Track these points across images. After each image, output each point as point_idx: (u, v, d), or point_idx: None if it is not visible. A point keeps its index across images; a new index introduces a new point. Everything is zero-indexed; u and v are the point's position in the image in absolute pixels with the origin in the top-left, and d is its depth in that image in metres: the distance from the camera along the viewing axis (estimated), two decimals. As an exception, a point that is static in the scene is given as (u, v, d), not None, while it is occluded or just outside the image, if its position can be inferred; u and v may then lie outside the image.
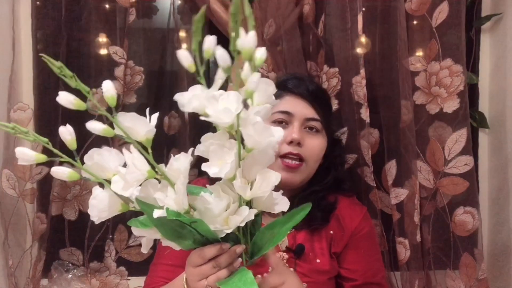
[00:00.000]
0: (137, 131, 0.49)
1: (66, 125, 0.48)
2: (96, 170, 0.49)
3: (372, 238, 0.94)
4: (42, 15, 1.18)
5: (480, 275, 1.09)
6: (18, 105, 1.13)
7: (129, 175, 0.48)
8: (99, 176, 0.50)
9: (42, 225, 1.15)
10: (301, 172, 0.86)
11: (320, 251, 0.87)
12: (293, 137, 0.83)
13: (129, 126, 0.49)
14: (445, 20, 1.08)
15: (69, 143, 0.48)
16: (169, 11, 1.18)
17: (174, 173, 0.50)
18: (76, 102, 0.48)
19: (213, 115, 0.47)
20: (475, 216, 1.09)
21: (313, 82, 0.96)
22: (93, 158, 0.49)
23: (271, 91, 0.51)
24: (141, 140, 0.50)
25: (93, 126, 0.48)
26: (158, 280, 0.85)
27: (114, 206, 0.51)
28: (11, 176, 1.12)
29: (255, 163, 0.51)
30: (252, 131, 0.48)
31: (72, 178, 0.49)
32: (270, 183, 0.51)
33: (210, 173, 0.49)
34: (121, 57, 1.13)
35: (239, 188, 0.50)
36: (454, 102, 1.09)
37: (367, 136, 1.09)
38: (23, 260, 1.16)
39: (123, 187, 0.48)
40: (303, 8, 1.12)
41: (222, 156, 0.49)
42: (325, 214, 0.89)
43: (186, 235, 0.54)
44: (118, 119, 0.48)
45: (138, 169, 0.49)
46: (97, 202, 0.50)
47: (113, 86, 0.50)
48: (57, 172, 0.48)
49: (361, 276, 0.88)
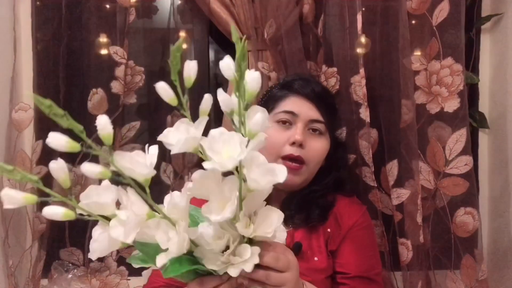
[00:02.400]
0: (136, 171, 0.46)
1: (58, 159, 0.43)
2: (94, 207, 0.46)
3: (368, 234, 0.92)
4: (42, 15, 1.18)
5: (481, 276, 1.08)
6: (19, 105, 1.13)
7: (128, 224, 0.45)
8: (96, 213, 0.47)
9: (41, 225, 1.15)
10: (302, 174, 0.86)
11: (317, 249, 0.86)
12: (296, 138, 0.83)
13: (128, 167, 0.45)
14: (445, 18, 1.07)
15: (62, 182, 0.44)
16: (169, 11, 1.19)
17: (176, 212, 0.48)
18: (69, 144, 0.43)
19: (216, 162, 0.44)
20: (476, 216, 1.08)
21: (319, 84, 0.96)
22: (90, 197, 0.46)
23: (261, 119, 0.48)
24: (140, 180, 0.46)
25: (89, 169, 0.44)
26: (160, 279, 0.85)
27: (115, 245, 0.48)
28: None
29: (254, 200, 0.50)
30: (257, 174, 0.46)
31: (67, 218, 0.45)
32: (273, 224, 0.49)
33: (212, 220, 0.47)
34: (122, 57, 1.13)
35: (242, 230, 0.48)
36: (455, 102, 1.08)
37: (367, 136, 1.09)
38: (23, 260, 1.16)
39: (124, 234, 0.46)
40: (303, 8, 1.12)
41: (222, 198, 0.47)
42: (323, 212, 0.89)
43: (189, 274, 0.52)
44: (115, 159, 0.44)
45: (136, 214, 0.46)
46: (98, 245, 0.48)
47: (109, 122, 0.44)
48: (51, 214, 0.44)
49: (354, 269, 0.86)
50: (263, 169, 0.46)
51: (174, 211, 0.48)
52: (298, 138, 0.83)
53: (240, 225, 0.48)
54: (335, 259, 0.88)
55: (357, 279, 0.86)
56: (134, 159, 0.45)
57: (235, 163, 0.45)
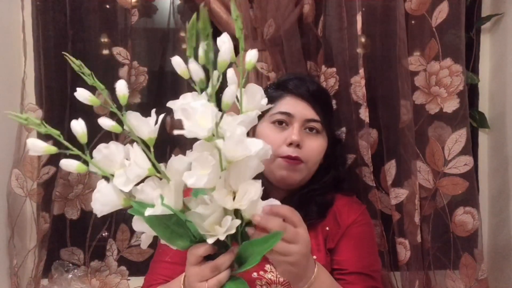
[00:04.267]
0: (141, 130, 0.52)
1: (79, 119, 0.51)
2: (103, 164, 0.51)
3: (367, 231, 0.92)
4: (44, 16, 1.19)
5: (480, 276, 1.08)
6: (28, 106, 1.15)
7: (130, 171, 0.50)
8: (106, 170, 0.51)
9: (45, 225, 1.16)
10: (301, 171, 0.86)
11: (316, 247, 0.87)
12: (292, 139, 0.84)
13: (135, 124, 0.51)
14: (445, 19, 1.07)
15: (80, 137, 0.50)
16: (169, 11, 1.19)
17: (173, 173, 0.51)
18: (91, 98, 0.52)
19: (187, 128, 0.47)
20: (475, 216, 1.08)
21: (314, 83, 0.96)
22: (101, 152, 0.51)
23: (259, 97, 0.52)
24: (145, 139, 0.52)
25: (104, 122, 0.52)
26: (157, 277, 0.85)
27: (117, 201, 0.52)
28: (20, 176, 1.13)
29: (241, 171, 0.51)
30: (229, 145, 0.49)
31: (80, 171, 0.51)
32: (250, 197, 0.51)
33: (188, 184, 0.48)
34: (125, 57, 1.14)
35: (220, 200, 0.50)
36: (454, 102, 1.08)
37: (366, 136, 1.09)
38: (27, 259, 1.17)
39: (125, 182, 0.50)
40: (303, 8, 1.12)
41: (204, 166, 0.49)
42: (321, 209, 0.89)
43: (183, 235, 0.54)
44: (126, 117, 0.51)
45: (139, 166, 0.50)
46: (100, 196, 0.51)
47: (125, 85, 0.53)
48: (66, 164, 0.50)
49: (351, 265, 0.86)
50: (235, 140, 0.48)
51: (171, 171, 0.51)
52: (295, 138, 0.83)
53: (218, 194, 0.50)
54: (333, 257, 0.88)
55: (355, 275, 0.86)
56: (141, 118, 0.51)
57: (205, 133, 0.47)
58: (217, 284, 0.55)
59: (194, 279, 0.58)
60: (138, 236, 1.20)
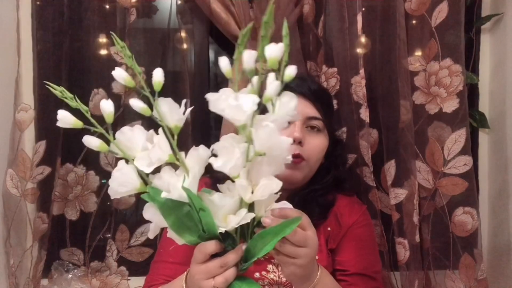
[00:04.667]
0: (170, 117, 0.52)
1: (108, 99, 0.53)
2: (125, 146, 0.52)
3: (368, 232, 0.92)
4: (42, 15, 1.18)
5: (480, 276, 1.08)
6: (20, 106, 1.14)
7: (153, 153, 0.50)
8: (126, 152, 0.52)
9: (43, 225, 1.15)
10: (302, 169, 0.86)
11: (318, 248, 0.87)
12: (294, 136, 0.83)
13: (165, 111, 0.52)
14: (444, 20, 1.08)
15: (108, 116, 0.52)
16: (169, 11, 1.19)
17: (196, 160, 0.52)
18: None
19: (226, 110, 0.48)
20: (475, 216, 1.08)
21: (315, 82, 0.96)
22: (125, 134, 0.52)
23: (292, 105, 0.52)
24: (171, 126, 0.52)
25: (89, 141, 0.52)
26: (159, 277, 0.85)
27: (133, 184, 0.52)
28: (14, 176, 1.13)
29: (263, 168, 0.52)
30: (262, 134, 0.49)
31: (102, 149, 0.52)
32: (270, 190, 0.52)
33: (214, 166, 0.49)
34: (122, 57, 1.13)
35: (241, 188, 0.51)
36: (454, 102, 1.09)
37: (367, 136, 1.09)
38: (24, 259, 1.16)
39: (147, 164, 0.51)
40: (303, 8, 1.12)
41: (231, 153, 0.50)
42: (323, 210, 0.89)
43: (192, 228, 0.53)
44: (158, 103, 0.52)
45: (162, 149, 0.51)
46: (120, 175, 0.52)
47: (162, 73, 0.55)
48: (89, 141, 0.51)
49: (352, 266, 0.86)
50: (268, 131, 0.49)
51: (192, 160, 0.52)
52: (297, 135, 0.83)
53: (239, 182, 0.50)
54: (334, 257, 0.88)
55: (356, 276, 0.86)
56: (173, 104, 0.52)
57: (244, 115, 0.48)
58: (224, 282, 0.55)
59: (200, 277, 0.57)
60: (137, 237, 1.20)
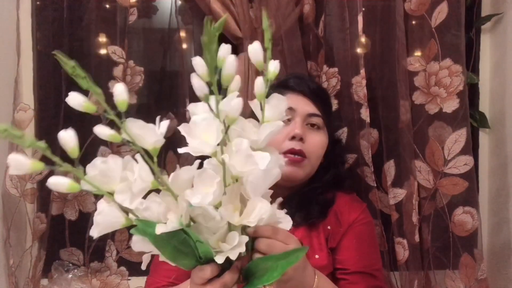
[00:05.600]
0: (145, 139, 0.46)
1: (67, 129, 0.44)
2: (99, 180, 0.46)
3: (368, 230, 0.92)
4: (42, 15, 1.18)
5: (480, 275, 1.08)
6: (20, 106, 1.13)
7: (135, 186, 0.45)
8: (102, 188, 0.46)
9: (42, 225, 1.15)
10: (304, 167, 0.86)
11: (318, 247, 0.87)
12: (295, 133, 0.84)
13: (138, 133, 0.46)
14: (444, 20, 1.08)
15: (70, 151, 0.43)
16: (169, 11, 1.19)
17: (180, 185, 0.48)
18: (86, 104, 0.44)
19: (191, 145, 0.45)
20: (475, 216, 1.09)
21: (313, 81, 0.96)
22: (97, 167, 0.45)
23: (283, 107, 0.50)
24: (148, 149, 0.47)
25: (101, 131, 0.45)
26: (161, 279, 0.85)
27: (118, 221, 0.47)
28: (14, 176, 1.13)
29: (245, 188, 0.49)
30: (234, 160, 0.46)
31: (72, 190, 0.44)
32: (260, 213, 0.49)
33: (192, 202, 0.46)
34: (120, 56, 1.13)
35: (226, 216, 0.48)
36: (454, 102, 1.09)
37: (367, 136, 1.09)
38: (23, 259, 1.16)
39: (130, 198, 0.46)
40: (303, 8, 1.12)
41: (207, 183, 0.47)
42: (323, 208, 0.89)
43: (189, 254, 0.50)
44: (127, 125, 0.45)
45: (143, 180, 0.46)
46: (102, 218, 0.46)
47: (125, 89, 0.46)
48: (56, 183, 0.43)
49: (352, 265, 0.85)
50: (243, 156, 0.46)
51: (177, 184, 0.47)
52: (297, 132, 0.84)
53: (225, 210, 0.47)
54: (335, 256, 0.88)
55: (357, 274, 0.85)
56: (145, 126, 0.46)
57: (210, 149, 0.45)
58: None
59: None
60: (137, 236, 1.20)
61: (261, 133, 0.49)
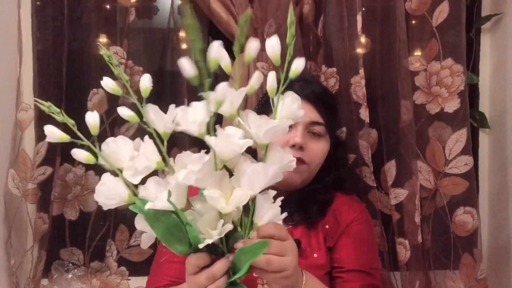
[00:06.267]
0: (159, 123, 0.52)
1: (94, 111, 0.53)
2: (111, 158, 0.52)
3: (366, 229, 0.92)
4: (42, 15, 1.18)
5: (480, 275, 1.08)
6: (21, 106, 1.14)
7: (138, 163, 0.50)
8: (113, 164, 0.52)
9: (44, 225, 1.15)
10: (303, 173, 0.86)
11: (317, 246, 0.87)
12: (295, 141, 0.83)
13: (153, 118, 0.52)
14: (445, 19, 1.08)
15: (93, 128, 0.52)
16: (169, 11, 1.19)
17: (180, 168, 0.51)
18: (114, 87, 0.54)
19: (183, 125, 0.49)
20: (475, 216, 1.08)
21: (320, 85, 0.95)
22: (109, 145, 0.52)
23: (295, 107, 0.51)
24: (160, 132, 0.52)
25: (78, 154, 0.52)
26: (163, 278, 0.85)
27: (121, 196, 0.52)
28: (16, 176, 1.13)
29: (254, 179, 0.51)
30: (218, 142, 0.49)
31: (89, 162, 0.52)
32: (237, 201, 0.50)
33: (179, 179, 0.48)
34: (121, 57, 1.13)
35: (210, 199, 0.49)
36: (455, 102, 1.08)
37: (366, 136, 1.09)
38: (24, 260, 1.16)
39: (133, 174, 0.50)
40: (303, 8, 1.12)
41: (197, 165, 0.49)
42: (321, 207, 0.89)
43: (181, 239, 0.52)
44: (147, 110, 0.52)
45: (148, 158, 0.50)
46: (104, 189, 0.51)
47: (150, 78, 0.56)
48: (77, 154, 0.52)
49: (349, 263, 0.86)
50: (224, 137, 0.49)
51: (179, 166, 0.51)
52: (298, 141, 0.83)
53: (209, 193, 0.49)
54: (332, 255, 0.88)
55: (353, 273, 0.85)
56: (160, 112, 0.52)
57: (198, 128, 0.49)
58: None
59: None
60: (137, 237, 1.20)
61: (262, 127, 0.50)
